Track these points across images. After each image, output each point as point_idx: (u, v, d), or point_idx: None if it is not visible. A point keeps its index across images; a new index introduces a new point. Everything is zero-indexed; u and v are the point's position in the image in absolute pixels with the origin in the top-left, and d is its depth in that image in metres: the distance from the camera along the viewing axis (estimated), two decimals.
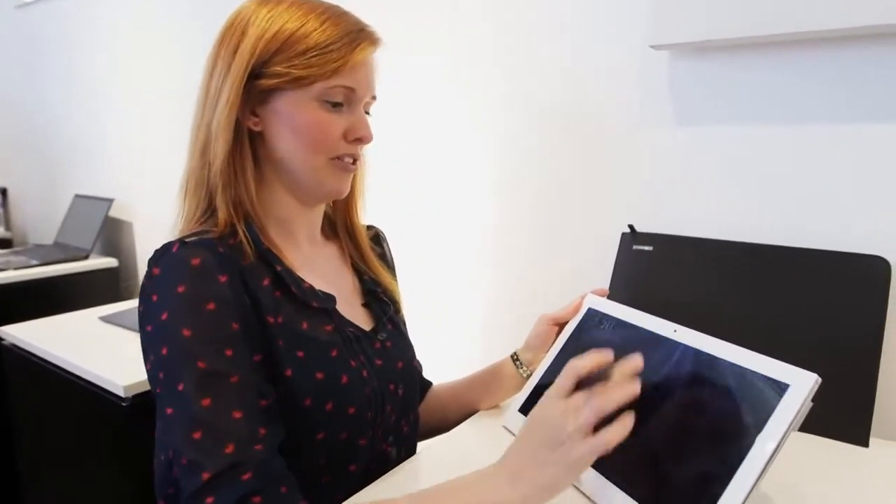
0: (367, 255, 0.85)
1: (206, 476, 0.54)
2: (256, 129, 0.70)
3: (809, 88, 0.89)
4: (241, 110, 0.68)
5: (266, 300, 0.66)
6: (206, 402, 0.57)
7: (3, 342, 1.54)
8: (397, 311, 0.87)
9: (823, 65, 0.88)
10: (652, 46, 0.96)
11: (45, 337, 1.46)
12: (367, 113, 0.74)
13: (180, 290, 0.60)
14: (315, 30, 0.66)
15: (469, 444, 0.80)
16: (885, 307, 0.79)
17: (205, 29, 1.88)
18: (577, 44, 1.09)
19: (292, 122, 0.68)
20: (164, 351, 0.59)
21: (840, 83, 0.87)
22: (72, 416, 1.41)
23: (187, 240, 0.64)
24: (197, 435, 0.56)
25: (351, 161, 0.73)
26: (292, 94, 0.67)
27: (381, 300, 0.83)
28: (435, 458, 0.78)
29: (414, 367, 0.85)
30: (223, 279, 0.61)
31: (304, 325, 0.69)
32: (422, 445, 0.85)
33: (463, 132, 1.28)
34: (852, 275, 0.82)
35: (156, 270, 0.62)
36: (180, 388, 0.57)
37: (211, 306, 0.60)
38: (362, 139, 0.72)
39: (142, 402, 1.20)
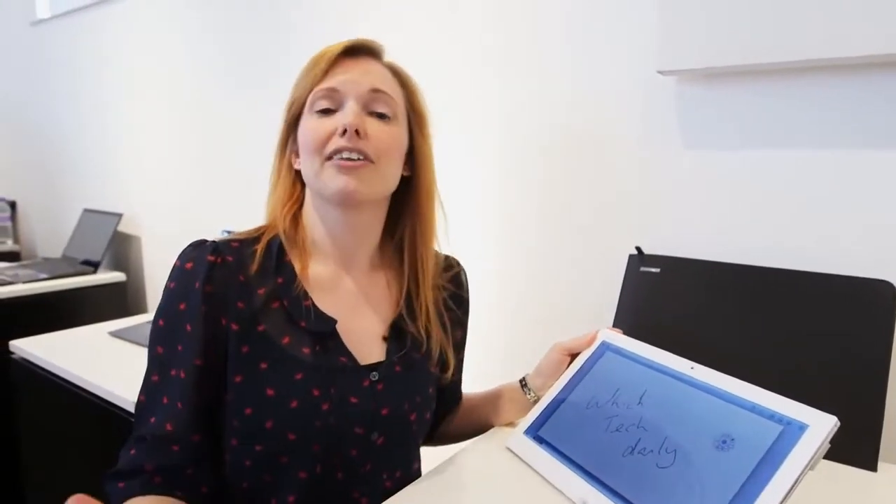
0: (413, 291, 0.82)
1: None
2: (297, 167, 0.78)
3: (815, 114, 0.91)
4: (289, 147, 0.79)
5: (254, 307, 0.71)
6: (155, 378, 0.71)
7: (13, 356, 1.55)
8: (436, 357, 0.83)
9: (827, 92, 0.89)
10: (659, 72, 0.98)
11: (54, 351, 1.48)
12: (379, 115, 0.74)
13: (171, 286, 0.72)
14: (307, 63, 0.76)
15: (474, 463, 0.80)
16: (891, 330, 0.80)
17: (215, 44, 1.93)
18: (586, 69, 1.11)
19: (300, 138, 0.75)
20: (152, 327, 0.74)
21: (845, 110, 0.88)
22: (80, 431, 1.41)
23: (213, 240, 0.74)
24: (142, 398, 0.72)
25: (346, 158, 0.71)
26: (301, 117, 0.75)
27: (400, 338, 0.79)
28: (437, 479, 0.75)
29: (408, 420, 0.77)
30: (197, 285, 0.70)
31: (286, 340, 0.71)
32: (425, 465, 0.84)
33: (469, 155, 1.29)
34: (859, 299, 0.82)
35: (176, 262, 0.73)
36: (148, 359, 0.73)
37: (182, 306, 0.71)
38: (346, 127, 0.71)
39: None
